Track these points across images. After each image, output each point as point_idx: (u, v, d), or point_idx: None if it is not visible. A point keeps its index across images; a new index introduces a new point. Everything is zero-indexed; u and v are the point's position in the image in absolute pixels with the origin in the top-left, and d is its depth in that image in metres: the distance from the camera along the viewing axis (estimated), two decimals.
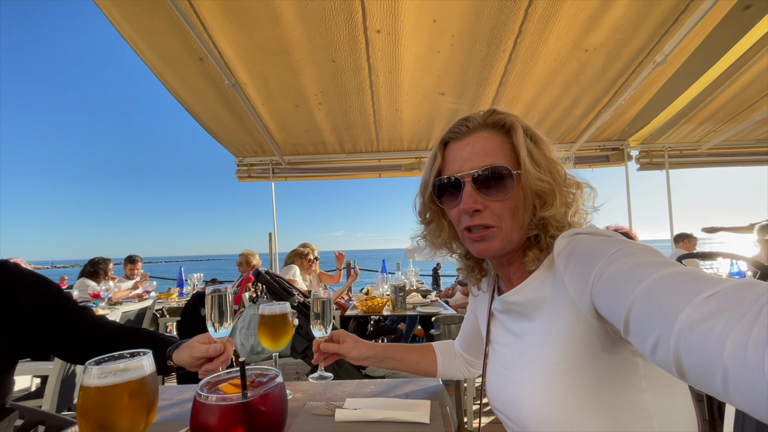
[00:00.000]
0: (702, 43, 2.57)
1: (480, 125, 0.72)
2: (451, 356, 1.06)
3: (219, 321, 0.86)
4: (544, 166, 0.68)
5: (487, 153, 0.69)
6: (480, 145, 0.70)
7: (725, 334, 0.35)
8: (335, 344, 0.98)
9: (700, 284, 0.41)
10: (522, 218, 0.69)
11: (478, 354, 1.01)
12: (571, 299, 0.58)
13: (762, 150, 4.30)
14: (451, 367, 1.05)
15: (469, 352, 1.02)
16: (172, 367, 0.91)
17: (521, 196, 0.68)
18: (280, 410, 0.51)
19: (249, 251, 4.10)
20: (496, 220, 0.68)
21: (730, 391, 0.34)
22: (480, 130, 0.72)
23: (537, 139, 0.71)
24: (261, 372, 0.55)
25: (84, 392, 0.52)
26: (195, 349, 0.87)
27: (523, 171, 0.67)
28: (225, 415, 0.46)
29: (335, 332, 1.02)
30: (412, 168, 4.26)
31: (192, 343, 0.89)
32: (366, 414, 0.87)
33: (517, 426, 0.69)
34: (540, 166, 0.67)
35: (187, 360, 0.88)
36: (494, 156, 0.69)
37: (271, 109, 3.28)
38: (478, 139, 0.71)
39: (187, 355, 0.88)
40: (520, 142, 0.68)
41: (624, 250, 0.52)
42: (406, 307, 3.17)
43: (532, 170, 0.66)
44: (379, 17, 2.26)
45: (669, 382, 0.60)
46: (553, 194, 0.67)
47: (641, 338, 0.45)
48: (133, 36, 2.40)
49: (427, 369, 1.04)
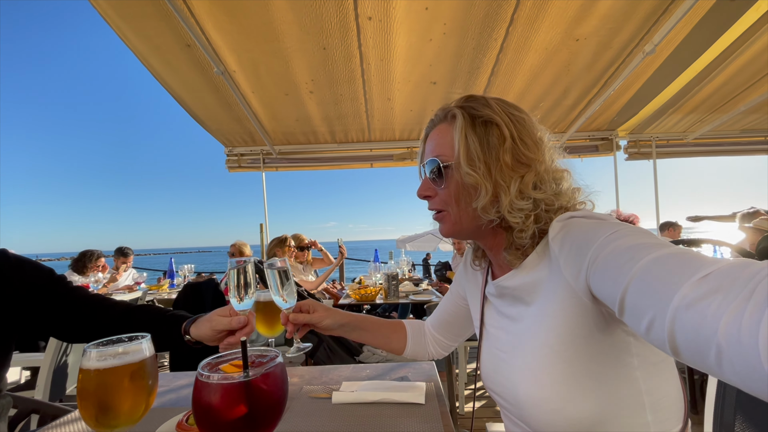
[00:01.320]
0: (690, 32, 2.60)
1: (442, 118, 0.77)
2: (420, 336, 1.06)
3: (244, 291, 0.86)
4: (480, 158, 0.68)
5: (438, 145, 0.74)
6: (436, 138, 0.76)
7: (720, 313, 0.36)
8: (305, 314, 0.95)
9: (696, 264, 0.42)
10: (465, 206, 0.71)
11: (451, 335, 1.03)
12: (567, 282, 0.60)
13: (746, 140, 4.40)
14: (418, 346, 1.04)
15: (442, 332, 1.03)
16: (190, 341, 0.90)
17: (460, 185, 0.71)
18: (282, 389, 0.52)
19: (241, 241, 4.08)
20: (444, 205, 0.75)
21: (724, 368, 0.36)
22: (441, 123, 0.76)
23: (487, 128, 0.69)
24: (261, 353, 0.56)
25: (84, 375, 0.52)
26: (216, 323, 0.86)
27: (454, 162, 0.71)
28: (227, 394, 0.47)
29: (304, 302, 0.98)
30: (404, 158, 4.25)
31: (212, 317, 0.88)
32: (362, 396, 0.89)
33: (513, 406, 0.70)
34: (474, 158, 0.68)
35: (208, 333, 0.87)
36: (441, 148, 0.74)
37: (261, 98, 3.23)
38: (437, 132, 0.76)
39: (207, 329, 0.87)
40: (455, 134, 0.71)
41: (619, 232, 0.53)
42: (399, 295, 3.20)
43: (463, 163, 0.69)
44: (370, 4, 2.23)
45: (658, 359, 0.62)
46: (480, 187, 0.68)
47: (636, 318, 0.46)
48: (117, 21, 2.33)
49: (396, 345, 1.04)
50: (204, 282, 2.73)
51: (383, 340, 1.03)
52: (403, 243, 10.89)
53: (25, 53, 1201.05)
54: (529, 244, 0.68)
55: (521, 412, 0.67)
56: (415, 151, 4.20)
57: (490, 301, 0.82)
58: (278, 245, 3.60)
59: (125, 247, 4.64)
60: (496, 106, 0.71)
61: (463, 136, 0.69)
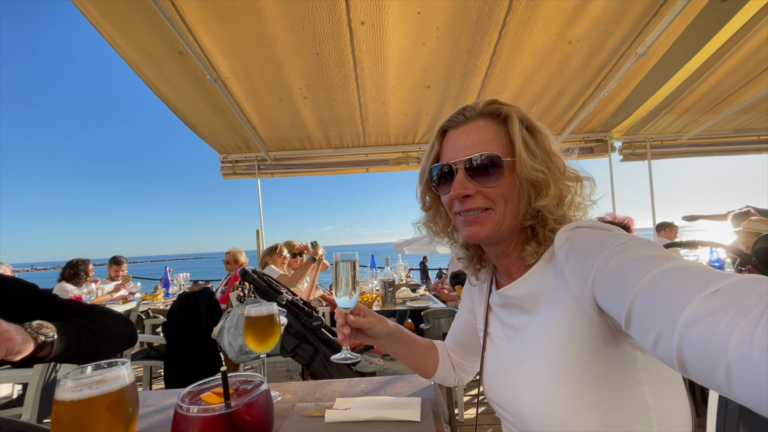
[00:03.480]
0: (682, 34, 2.61)
1: (477, 114, 0.73)
2: (448, 361, 0.99)
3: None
4: (540, 157, 0.68)
5: (481, 141, 0.70)
6: (475, 134, 0.71)
7: (730, 329, 0.35)
8: (360, 318, 0.83)
9: (705, 279, 0.40)
10: (516, 206, 0.69)
11: (470, 357, 0.98)
12: (572, 293, 0.58)
13: (740, 139, 4.42)
14: (446, 371, 0.98)
15: (461, 355, 0.97)
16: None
17: (516, 183, 0.68)
18: (266, 419, 0.50)
19: (236, 249, 4.05)
20: (489, 203, 0.69)
21: (733, 386, 0.34)
22: (477, 119, 0.73)
23: (534, 130, 0.71)
24: (245, 379, 0.54)
25: (58, 407, 0.49)
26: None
27: (517, 159, 0.67)
28: (207, 427, 0.44)
29: (355, 306, 0.85)
30: (399, 162, 4.24)
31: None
32: (356, 414, 0.86)
33: (516, 419, 0.68)
34: (535, 156, 0.68)
35: None
36: (489, 144, 0.70)
37: (255, 104, 3.21)
38: (474, 127, 0.72)
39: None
40: (515, 131, 0.69)
41: (626, 244, 0.52)
42: (396, 302, 3.17)
43: (527, 159, 0.66)
44: (363, 8, 2.22)
45: (666, 375, 0.61)
46: (548, 184, 0.67)
47: (643, 332, 0.45)
48: (108, 30, 2.30)
49: (430, 367, 0.96)
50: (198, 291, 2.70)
51: (420, 358, 0.95)
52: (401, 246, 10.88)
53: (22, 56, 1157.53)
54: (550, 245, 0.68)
55: (524, 424, 0.65)
56: (410, 155, 4.19)
57: (494, 312, 0.80)
58: (269, 254, 3.57)
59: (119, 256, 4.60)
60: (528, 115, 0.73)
61: (520, 133, 0.69)
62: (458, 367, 0.99)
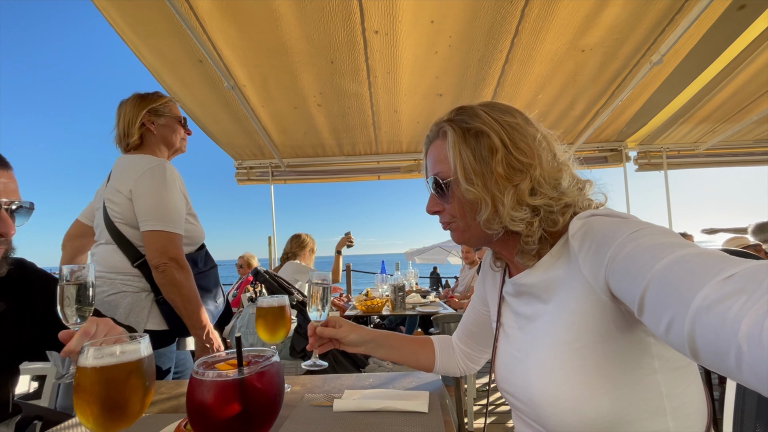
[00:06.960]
0: (698, 43, 2.59)
1: (435, 135, 0.79)
2: (450, 351, 1.03)
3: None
4: (477, 172, 0.67)
5: (437, 161, 0.76)
6: (433, 154, 0.78)
7: (742, 314, 0.35)
8: (331, 328, 0.95)
9: (719, 265, 0.40)
10: (471, 219, 0.72)
11: (479, 347, 0.99)
12: (586, 279, 0.59)
13: (760, 150, 4.31)
14: (448, 362, 1.01)
15: (469, 344, 1.00)
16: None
17: (462, 200, 0.71)
18: (277, 388, 0.51)
19: (249, 253, 4.11)
20: (451, 218, 0.76)
21: (743, 370, 0.34)
22: (435, 139, 0.78)
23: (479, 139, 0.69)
24: (258, 353, 0.56)
25: (80, 372, 0.52)
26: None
27: (453, 179, 0.71)
28: (221, 392, 0.46)
29: (331, 318, 0.98)
30: (411, 170, 4.27)
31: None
32: (364, 404, 0.87)
33: (528, 407, 0.68)
34: (470, 173, 0.68)
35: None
36: (441, 164, 0.74)
37: (270, 111, 3.29)
38: (434, 148, 0.79)
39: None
40: (449, 150, 0.71)
41: (641, 231, 0.52)
42: (406, 307, 3.16)
43: (462, 180, 0.69)
44: (377, 18, 2.28)
45: (681, 364, 0.60)
46: (480, 201, 0.68)
47: (655, 318, 0.45)
48: (133, 38, 2.41)
49: (425, 362, 1.01)
50: None
51: (411, 357, 1.00)
52: (412, 256, 10.84)
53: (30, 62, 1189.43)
54: (536, 248, 0.67)
55: (536, 411, 0.65)
56: (422, 162, 4.21)
57: (507, 302, 0.81)
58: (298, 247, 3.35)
59: None
60: (486, 116, 0.71)
61: (457, 151, 0.70)
62: (466, 357, 1.01)
